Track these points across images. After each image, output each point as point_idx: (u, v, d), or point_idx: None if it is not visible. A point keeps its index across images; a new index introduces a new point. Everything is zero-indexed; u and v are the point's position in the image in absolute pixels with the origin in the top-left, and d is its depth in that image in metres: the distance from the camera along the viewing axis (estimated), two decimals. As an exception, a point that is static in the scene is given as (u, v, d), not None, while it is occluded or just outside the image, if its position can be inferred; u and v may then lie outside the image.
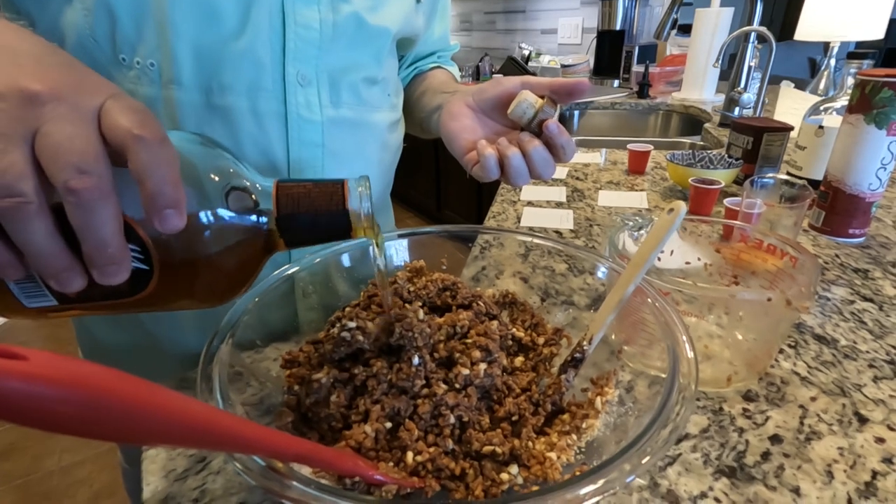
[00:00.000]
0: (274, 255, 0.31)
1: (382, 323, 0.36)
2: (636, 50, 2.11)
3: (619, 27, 2.15)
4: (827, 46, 1.59)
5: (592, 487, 0.24)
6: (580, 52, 2.56)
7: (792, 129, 0.87)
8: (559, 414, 0.35)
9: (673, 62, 1.94)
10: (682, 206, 0.34)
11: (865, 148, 0.64)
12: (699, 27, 1.59)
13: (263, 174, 0.30)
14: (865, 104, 0.63)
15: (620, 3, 2.10)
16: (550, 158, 0.42)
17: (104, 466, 1.55)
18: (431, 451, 0.30)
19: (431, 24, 0.64)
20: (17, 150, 0.20)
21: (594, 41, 2.30)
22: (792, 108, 1.39)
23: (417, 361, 0.34)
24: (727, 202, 0.72)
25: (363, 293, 0.41)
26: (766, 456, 0.37)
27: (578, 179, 0.99)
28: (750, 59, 1.31)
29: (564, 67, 2.35)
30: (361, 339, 0.35)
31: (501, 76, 0.47)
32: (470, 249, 0.58)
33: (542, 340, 0.41)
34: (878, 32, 1.41)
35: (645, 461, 0.25)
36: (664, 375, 0.30)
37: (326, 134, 0.49)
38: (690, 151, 0.93)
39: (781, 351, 0.48)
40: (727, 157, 0.91)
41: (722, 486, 0.35)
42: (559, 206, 0.87)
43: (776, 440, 0.39)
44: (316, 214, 0.29)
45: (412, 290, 0.41)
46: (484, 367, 0.35)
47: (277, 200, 0.29)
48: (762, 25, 1.21)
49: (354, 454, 0.30)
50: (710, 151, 0.94)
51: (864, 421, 0.40)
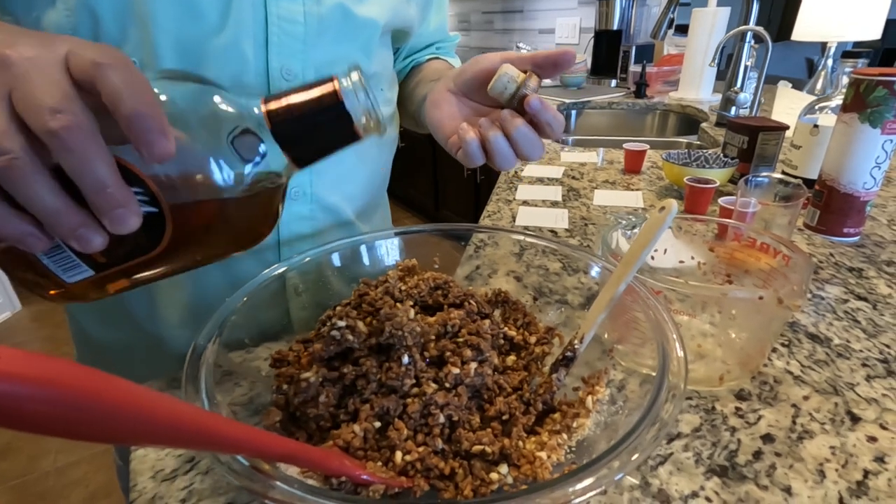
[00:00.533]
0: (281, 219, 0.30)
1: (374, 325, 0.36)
2: (633, 50, 2.11)
3: (616, 27, 2.15)
4: (824, 46, 1.60)
5: (581, 485, 0.24)
6: (578, 51, 2.56)
7: (787, 128, 0.87)
8: (550, 413, 0.35)
9: (670, 62, 1.94)
10: (673, 204, 0.34)
11: (860, 147, 0.64)
12: (696, 27, 1.59)
13: None
14: (860, 103, 0.62)
15: (617, 2, 2.10)
16: (536, 138, 0.38)
17: (100, 467, 1.54)
18: (421, 450, 0.30)
19: (427, 15, 0.62)
20: None
21: (591, 41, 2.30)
22: (789, 107, 1.39)
23: (407, 360, 0.34)
24: (722, 201, 0.72)
25: (354, 292, 0.41)
26: (757, 455, 0.37)
27: (574, 179, 0.99)
28: (746, 58, 1.31)
29: (562, 67, 2.35)
30: (351, 338, 0.34)
31: (481, 54, 0.43)
32: (464, 248, 0.58)
33: (533, 339, 0.41)
34: (874, 32, 1.41)
35: (634, 458, 0.25)
36: (655, 374, 0.30)
37: None
38: (686, 151, 0.93)
39: (774, 350, 0.48)
40: (723, 156, 0.91)
41: (713, 485, 0.35)
42: (554, 205, 0.86)
43: (768, 439, 0.38)
44: (312, 115, 0.28)
45: (403, 288, 0.41)
46: (474, 366, 0.35)
47: (268, 112, 0.28)
48: (759, 25, 1.21)
49: (341, 454, 0.29)
50: (705, 151, 0.94)
51: (856, 420, 0.40)
